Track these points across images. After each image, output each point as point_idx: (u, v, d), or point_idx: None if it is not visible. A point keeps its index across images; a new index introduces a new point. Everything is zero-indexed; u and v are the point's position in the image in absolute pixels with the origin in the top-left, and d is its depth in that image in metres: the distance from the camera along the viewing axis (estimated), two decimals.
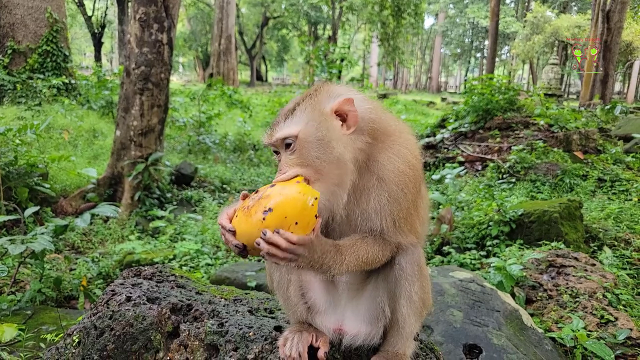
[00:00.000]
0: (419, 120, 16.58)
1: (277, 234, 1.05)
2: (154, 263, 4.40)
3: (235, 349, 1.43)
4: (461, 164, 8.31)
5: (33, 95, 10.21)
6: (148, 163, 6.62)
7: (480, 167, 8.19)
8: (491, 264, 3.57)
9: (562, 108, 10.52)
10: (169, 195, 7.05)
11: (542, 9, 32.01)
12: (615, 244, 4.53)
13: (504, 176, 7.12)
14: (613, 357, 2.55)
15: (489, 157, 8.22)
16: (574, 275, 3.47)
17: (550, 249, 3.97)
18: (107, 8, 24.00)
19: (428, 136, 10.56)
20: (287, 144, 1.19)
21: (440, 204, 5.91)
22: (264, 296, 1.88)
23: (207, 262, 4.68)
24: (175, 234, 5.61)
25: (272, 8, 34.75)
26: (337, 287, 1.40)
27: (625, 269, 4.00)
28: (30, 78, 10.57)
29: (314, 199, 1.08)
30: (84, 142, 9.20)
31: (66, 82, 11.11)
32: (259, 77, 43.14)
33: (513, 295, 3.29)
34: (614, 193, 6.24)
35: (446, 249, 4.61)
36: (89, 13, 21.79)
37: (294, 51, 45.06)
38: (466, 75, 51.31)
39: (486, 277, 3.41)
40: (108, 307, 1.57)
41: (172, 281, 1.86)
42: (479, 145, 9.02)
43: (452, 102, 21.07)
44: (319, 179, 1.16)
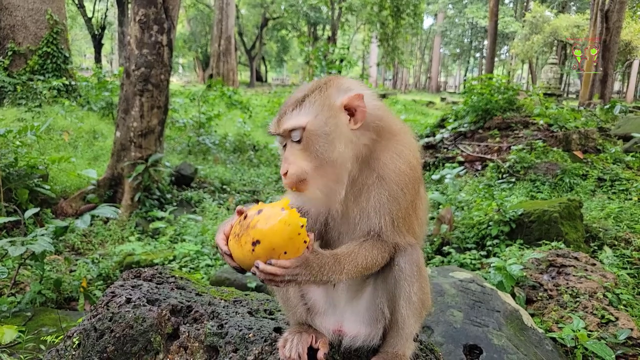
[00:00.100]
0: (418, 120, 16.58)
1: (270, 264, 1.06)
2: (154, 264, 4.40)
3: (235, 351, 1.43)
4: (461, 163, 8.31)
5: (33, 96, 10.22)
6: (148, 164, 6.62)
7: (479, 167, 8.19)
8: (491, 264, 3.57)
9: (562, 107, 10.52)
10: (169, 196, 7.05)
11: (541, 9, 32.03)
12: (616, 243, 4.53)
13: (504, 176, 7.12)
14: (614, 357, 2.55)
15: (488, 156, 8.22)
16: (574, 275, 3.47)
17: (550, 249, 3.97)
18: (107, 10, 24.04)
19: (427, 136, 10.56)
20: (294, 135, 1.18)
21: (440, 204, 5.91)
22: (264, 297, 1.88)
23: (207, 263, 4.68)
24: (175, 235, 5.61)
25: (271, 9, 34.78)
26: (337, 289, 1.40)
27: (626, 268, 3.99)
28: (31, 79, 10.57)
29: (301, 227, 1.07)
30: (84, 143, 9.20)
31: (66, 83, 11.11)
32: (259, 78, 43.15)
33: (513, 295, 3.29)
34: (614, 192, 6.24)
35: (446, 249, 4.61)
36: (89, 15, 21.81)
37: (294, 52, 45.08)
38: (465, 75, 51.33)
39: (486, 277, 3.41)
40: (108, 309, 1.57)
41: (172, 282, 1.86)
42: (479, 145, 9.02)
43: (452, 102, 21.06)
44: (320, 174, 1.17)
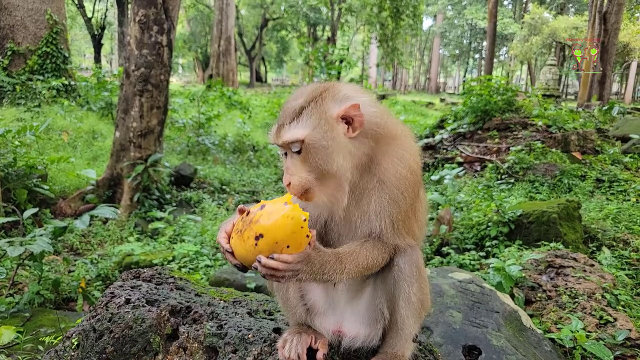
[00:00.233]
0: (417, 121, 16.60)
1: (272, 259, 1.07)
2: (153, 264, 4.39)
3: (234, 351, 1.43)
4: (460, 164, 8.32)
5: (32, 96, 10.21)
6: (147, 164, 6.62)
7: (479, 168, 8.20)
8: (490, 264, 3.57)
9: (560, 109, 10.54)
10: (168, 196, 7.05)
11: (540, 11, 32.12)
12: (614, 244, 4.54)
13: (503, 177, 7.13)
14: (612, 357, 2.56)
15: (487, 157, 8.24)
16: (573, 276, 3.47)
17: (549, 250, 3.98)
18: (107, 10, 24.02)
19: (427, 137, 10.57)
20: (293, 147, 1.20)
21: (439, 205, 5.92)
22: (263, 298, 1.88)
23: (206, 263, 4.67)
24: (174, 235, 5.61)
25: (271, 9, 34.81)
26: (336, 289, 1.40)
27: (624, 269, 4.00)
28: (30, 79, 10.56)
29: (304, 220, 1.08)
30: (83, 143, 9.19)
31: (66, 83, 11.10)
32: (259, 78, 43.17)
33: (512, 296, 3.30)
34: (612, 193, 6.25)
35: (445, 249, 4.61)
36: (89, 15, 21.80)
37: (294, 52, 45.11)
38: (465, 76, 51.42)
39: (485, 278, 3.41)
40: (107, 310, 1.57)
41: (172, 283, 1.86)
42: (478, 146, 9.03)
43: (451, 103, 21.09)
44: (322, 184, 1.19)
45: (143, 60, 6.57)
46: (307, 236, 1.11)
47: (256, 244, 1.08)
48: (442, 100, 28.41)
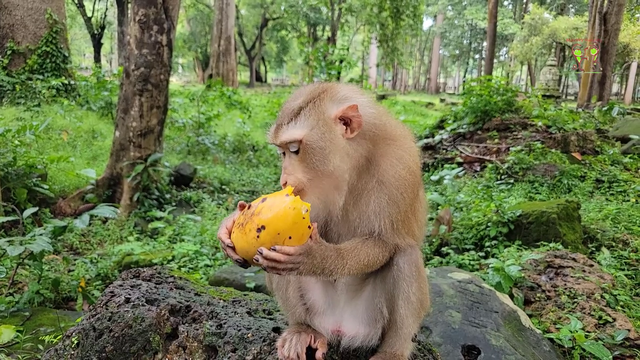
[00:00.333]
0: (417, 121, 16.61)
1: (274, 250, 1.07)
2: (153, 264, 4.40)
3: (234, 350, 1.43)
4: (460, 164, 8.33)
5: (32, 96, 10.21)
6: (147, 164, 6.62)
7: (478, 168, 8.21)
8: (490, 264, 3.57)
9: (560, 109, 10.55)
10: (168, 196, 7.05)
11: (540, 11, 32.14)
12: (613, 244, 4.54)
13: (503, 177, 7.13)
14: (611, 358, 2.56)
15: (487, 158, 8.24)
16: (572, 276, 3.48)
17: (548, 250, 3.98)
18: (106, 9, 24.00)
19: (427, 137, 10.58)
20: (291, 147, 1.21)
21: (439, 205, 5.92)
22: (263, 297, 1.89)
23: (206, 263, 4.68)
24: (174, 234, 5.61)
25: (271, 9, 34.80)
26: (336, 289, 1.41)
27: (623, 269, 4.01)
28: (30, 79, 10.56)
29: (305, 211, 1.09)
30: (83, 143, 9.19)
31: (65, 83, 11.10)
32: (259, 78, 43.17)
33: (511, 296, 3.30)
34: (612, 194, 6.26)
35: (445, 249, 4.61)
36: (89, 14, 21.80)
37: (293, 52, 45.10)
38: (465, 77, 51.42)
39: (485, 278, 3.42)
40: (107, 309, 1.57)
41: (171, 282, 1.86)
42: (478, 146, 9.04)
43: (451, 103, 21.09)
44: (318, 185, 1.19)
45: (143, 59, 6.57)
46: (309, 227, 1.11)
47: (258, 236, 1.07)
48: (442, 101, 28.41)
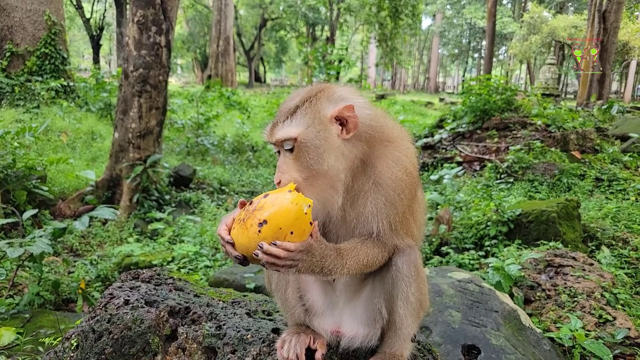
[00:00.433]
0: (417, 120, 16.60)
1: (275, 245, 1.07)
2: (153, 265, 4.39)
3: (233, 352, 1.43)
4: (459, 164, 8.33)
5: (31, 97, 10.21)
6: (146, 165, 6.62)
7: (478, 167, 8.21)
8: (489, 264, 3.57)
9: (560, 108, 10.55)
10: (167, 197, 7.05)
11: (539, 10, 32.13)
12: (613, 243, 4.54)
13: (502, 176, 7.13)
14: (611, 356, 2.56)
15: (486, 157, 8.24)
16: (572, 275, 3.48)
17: (548, 249, 3.98)
18: (105, 10, 23.99)
19: (426, 136, 10.58)
20: (286, 145, 1.21)
21: (438, 205, 5.92)
22: (262, 298, 1.88)
23: (205, 264, 4.67)
24: (173, 236, 5.61)
25: (270, 10, 34.80)
26: (335, 289, 1.41)
27: (623, 268, 4.01)
28: (29, 80, 10.56)
29: (307, 207, 1.09)
30: (82, 144, 9.19)
31: (64, 84, 11.10)
32: (258, 79, 43.17)
33: (511, 295, 3.30)
34: (612, 192, 6.26)
35: (445, 249, 4.61)
36: (87, 15, 21.81)
37: (292, 52, 45.09)
38: (464, 76, 51.43)
39: (485, 278, 3.42)
40: (106, 311, 1.57)
41: (170, 284, 1.86)
42: (477, 146, 9.04)
43: (450, 103, 21.10)
44: (313, 184, 1.18)
45: (142, 61, 6.57)
46: (311, 223, 1.11)
47: (259, 231, 1.07)
48: (441, 100, 28.41)
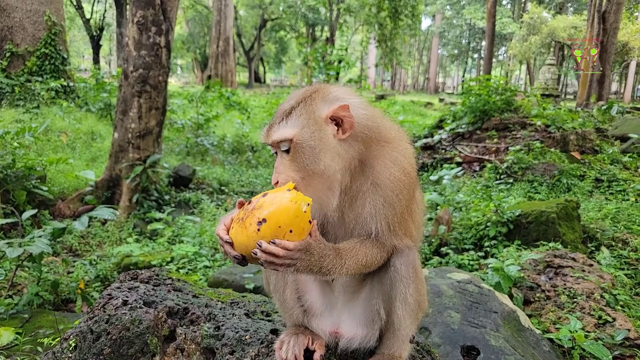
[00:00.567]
0: (416, 121, 16.59)
1: (273, 244, 1.06)
2: (152, 266, 4.39)
3: (232, 353, 1.43)
4: (459, 164, 8.33)
5: (31, 97, 10.21)
6: (146, 165, 6.61)
7: (477, 168, 8.21)
8: (489, 265, 3.57)
9: (559, 108, 10.55)
10: (167, 197, 7.05)
11: (539, 10, 32.15)
12: (613, 244, 4.54)
13: (502, 177, 7.13)
14: (611, 357, 2.56)
15: (486, 157, 8.24)
16: (571, 276, 3.48)
17: (547, 250, 3.98)
18: (105, 11, 23.99)
19: (426, 137, 10.58)
20: (282, 146, 1.21)
21: (438, 205, 5.92)
22: (261, 299, 1.88)
23: (205, 264, 4.67)
24: (173, 236, 5.60)
25: (270, 10, 34.82)
26: (334, 290, 1.41)
27: (623, 269, 4.00)
28: (29, 81, 10.56)
29: (307, 205, 1.09)
30: (82, 144, 9.19)
31: (64, 84, 11.10)
32: (257, 79, 43.18)
33: (511, 296, 3.30)
34: (611, 193, 6.26)
35: (444, 250, 4.61)
36: (88, 16, 21.80)
37: (292, 53, 45.10)
38: (463, 76, 51.43)
39: (484, 278, 3.42)
40: (104, 311, 1.57)
41: (169, 284, 1.86)
42: (477, 146, 9.04)
43: (450, 103, 21.11)
44: (309, 184, 1.19)
45: (141, 61, 6.57)
46: (310, 222, 1.11)
47: (259, 229, 1.07)
48: (440, 100, 28.42)
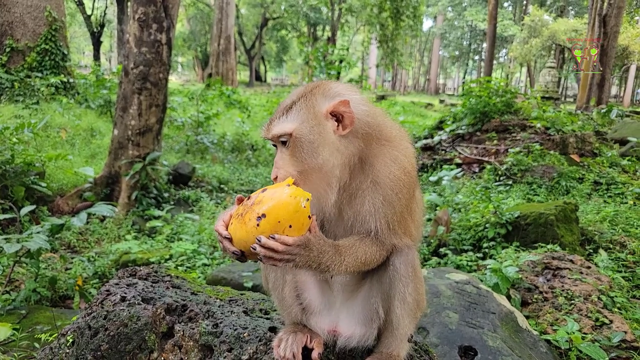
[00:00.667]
0: (416, 121, 16.60)
1: (273, 239, 1.06)
2: (150, 263, 4.39)
3: (230, 350, 1.43)
4: (458, 165, 8.34)
5: (31, 93, 10.18)
6: (146, 162, 6.60)
7: (477, 169, 8.22)
8: (487, 265, 3.58)
9: (559, 111, 10.57)
10: (166, 195, 7.04)
11: (540, 13, 32.17)
12: (611, 246, 4.55)
13: (501, 178, 7.14)
14: (607, 359, 2.57)
15: (486, 159, 8.25)
16: (569, 278, 3.48)
17: (546, 252, 3.99)
18: (106, 7, 23.95)
19: (426, 138, 10.58)
20: (282, 140, 1.21)
21: (437, 206, 5.93)
22: (260, 297, 1.88)
23: (203, 262, 4.67)
24: (172, 233, 5.60)
25: (271, 9, 34.78)
26: (332, 289, 1.41)
27: (621, 271, 4.02)
28: (29, 76, 10.54)
29: (306, 200, 1.09)
30: (82, 141, 9.17)
31: (64, 80, 11.08)
32: (258, 78, 43.15)
33: (509, 297, 3.30)
34: (610, 196, 6.27)
35: (443, 250, 4.62)
36: (88, 12, 21.75)
37: (293, 52, 45.09)
38: (464, 78, 51.46)
39: (482, 279, 3.42)
40: (102, 307, 1.57)
41: (168, 281, 1.85)
42: (476, 147, 9.05)
43: (450, 104, 21.12)
44: (307, 179, 1.19)
45: (142, 58, 6.56)
46: (309, 217, 1.11)
47: (258, 225, 1.07)
48: (441, 102, 28.44)
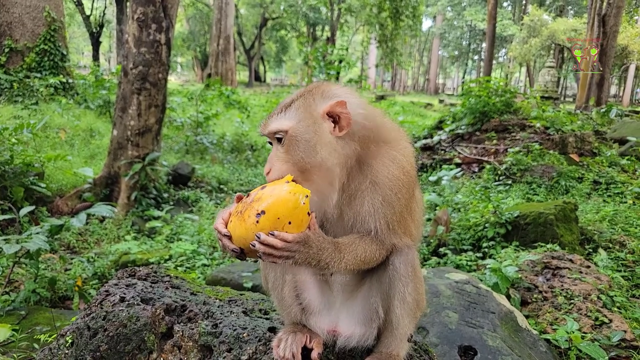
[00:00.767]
0: (416, 121, 16.60)
1: (272, 235, 1.07)
2: (150, 263, 4.39)
3: (229, 350, 1.43)
4: (458, 165, 8.34)
5: (30, 94, 10.18)
6: (145, 163, 6.60)
7: (476, 169, 8.22)
8: (487, 265, 3.58)
9: (558, 111, 10.58)
10: (165, 195, 7.03)
11: (539, 13, 32.19)
12: (610, 246, 4.56)
13: (500, 178, 7.15)
14: (607, 358, 2.57)
15: (485, 159, 8.25)
16: (569, 277, 3.49)
17: (545, 251, 3.99)
18: (105, 7, 23.91)
19: (425, 138, 10.59)
20: (278, 138, 1.22)
21: (436, 206, 5.93)
22: (259, 297, 1.88)
23: (203, 262, 4.67)
24: (171, 234, 5.60)
25: (270, 9, 34.78)
26: (332, 288, 1.41)
27: (620, 271, 4.02)
28: (28, 77, 10.53)
29: (305, 197, 1.09)
30: (81, 141, 9.17)
31: (63, 81, 11.07)
32: (257, 78, 43.14)
33: (508, 296, 3.30)
34: (609, 195, 6.28)
35: (442, 250, 4.62)
36: (87, 12, 21.73)
37: (293, 52, 45.09)
38: (464, 78, 51.49)
39: (482, 279, 3.42)
40: (102, 308, 1.57)
41: (167, 282, 1.85)
42: (476, 147, 9.05)
43: (450, 104, 21.14)
44: (304, 178, 1.19)
45: (141, 58, 6.55)
46: (309, 214, 1.11)
47: (257, 221, 1.07)
48: (440, 101, 28.46)
